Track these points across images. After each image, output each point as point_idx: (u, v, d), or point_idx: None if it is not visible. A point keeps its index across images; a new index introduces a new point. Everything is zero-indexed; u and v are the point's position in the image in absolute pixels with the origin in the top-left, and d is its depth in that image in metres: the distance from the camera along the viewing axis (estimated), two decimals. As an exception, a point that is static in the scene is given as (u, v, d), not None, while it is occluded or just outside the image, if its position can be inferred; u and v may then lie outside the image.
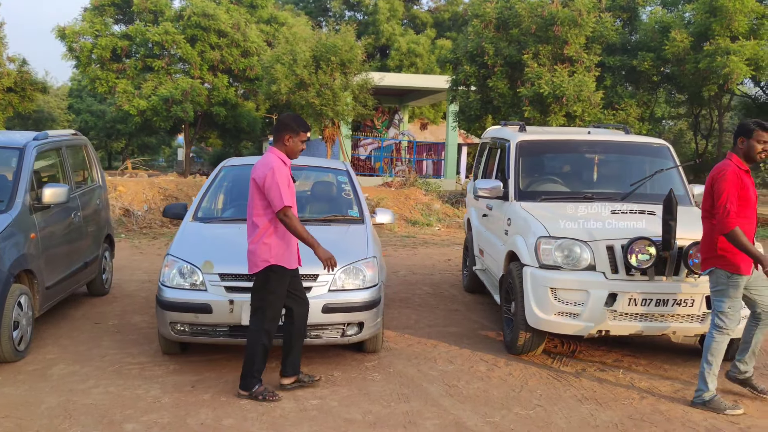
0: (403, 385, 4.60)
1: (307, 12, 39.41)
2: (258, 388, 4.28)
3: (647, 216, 5.26)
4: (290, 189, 4.25)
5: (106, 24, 25.84)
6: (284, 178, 4.20)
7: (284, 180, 4.18)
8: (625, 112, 17.01)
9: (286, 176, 4.23)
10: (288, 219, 4.15)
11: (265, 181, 4.15)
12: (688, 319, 4.87)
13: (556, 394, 4.51)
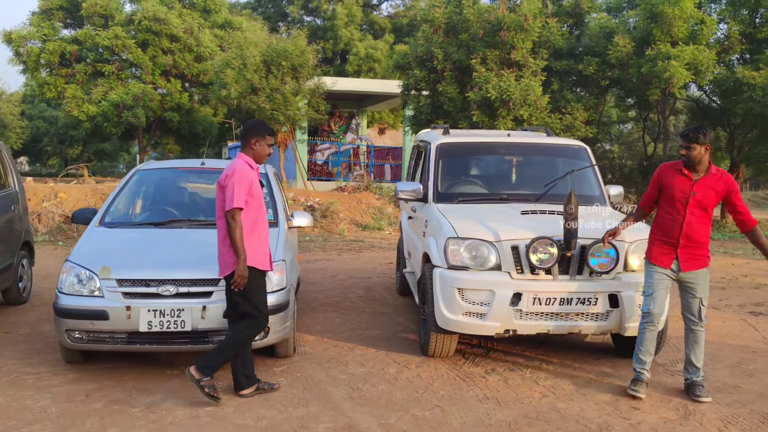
0: (307, 389, 4.56)
1: (265, 17, 39.19)
2: (207, 381, 4.22)
3: (557, 216, 5.29)
4: (255, 193, 4.29)
5: (54, 28, 25.35)
6: (243, 181, 4.22)
7: (242, 182, 4.21)
8: (571, 116, 17.24)
9: (247, 179, 4.25)
10: (233, 222, 4.16)
11: (225, 180, 4.21)
12: (593, 317, 4.92)
13: (459, 394, 4.51)
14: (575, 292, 4.86)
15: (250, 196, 4.28)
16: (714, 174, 4.57)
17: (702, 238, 4.58)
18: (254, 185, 4.32)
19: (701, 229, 4.58)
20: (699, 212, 4.54)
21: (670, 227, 4.57)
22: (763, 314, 7.30)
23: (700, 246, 4.59)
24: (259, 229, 4.41)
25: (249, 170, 4.31)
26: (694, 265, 4.59)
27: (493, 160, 6.59)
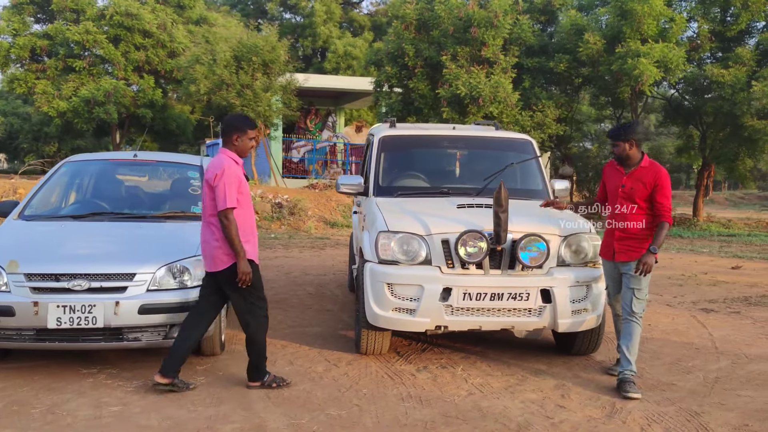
0: (225, 388, 4.39)
1: (244, 14, 38.88)
2: (269, 378, 4.38)
3: (489, 210, 5.17)
4: (243, 190, 4.31)
5: (25, 23, 24.94)
6: (233, 179, 4.23)
7: (233, 181, 4.22)
8: (542, 114, 17.19)
9: (236, 177, 4.26)
10: (227, 222, 4.16)
11: (215, 180, 4.20)
12: (526, 313, 4.78)
13: (382, 393, 4.36)
14: (506, 287, 4.72)
15: (239, 194, 4.28)
16: (644, 167, 4.61)
17: (636, 230, 4.59)
18: (242, 182, 4.34)
19: (635, 221, 4.60)
20: (630, 204, 4.60)
21: (611, 220, 4.73)
22: (714, 311, 7.21)
23: (635, 238, 4.61)
24: (249, 223, 4.40)
25: (236, 167, 4.31)
26: (628, 256, 4.61)
27: (437, 154, 6.45)
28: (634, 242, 4.61)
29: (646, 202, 4.59)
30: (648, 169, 4.61)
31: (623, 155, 4.64)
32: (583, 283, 4.85)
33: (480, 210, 5.17)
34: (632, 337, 4.60)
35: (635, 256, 4.56)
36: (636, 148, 4.60)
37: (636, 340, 4.61)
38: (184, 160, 6.11)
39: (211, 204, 4.27)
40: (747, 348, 5.71)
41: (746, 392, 4.55)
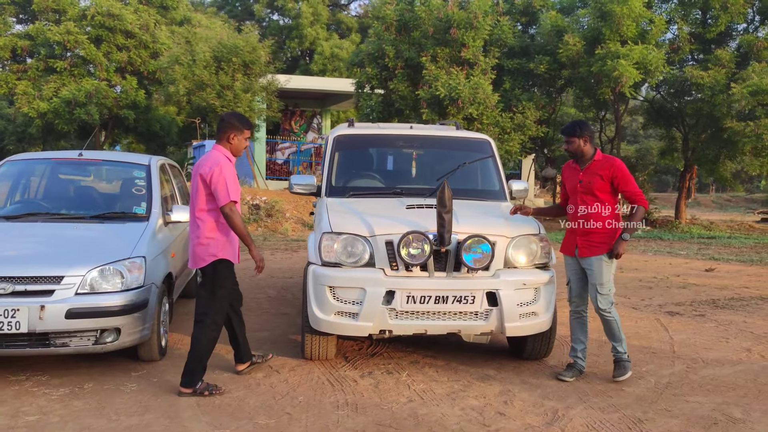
0: (155, 396, 4.23)
1: (232, 16, 38.75)
2: (201, 385, 4.29)
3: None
4: (236, 185, 4.34)
5: (6, 23, 24.71)
6: (231, 174, 4.31)
7: (231, 176, 4.30)
8: (523, 115, 17.08)
9: (232, 173, 4.35)
10: (232, 214, 4.25)
11: (212, 176, 4.21)
12: (472, 316, 4.64)
13: (318, 400, 4.21)
14: (451, 289, 4.58)
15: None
16: (599, 160, 4.72)
17: (597, 225, 4.65)
18: (236, 178, 4.39)
19: (595, 216, 4.66)
20: (589, 198, 4.67)
21: (572, 217, 4.82)
22: (679, 314, 7.10)
23: (596, 233, 4.67)
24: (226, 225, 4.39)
25: (230, 164, 4.37)
26: (590, 251, 4.68)
27: (393, 154, 6.31)
28: (595, 237, 4.66)
29: (606, 194, 4.65)
30: (602, 162, 4.71)
31: (578, 151, 4.74)
32: (532, 285, 4.72)
33: (429, 211, 5.01)
34: (610, 329, 4.77)
35: (597, 251, 4.64)
36: (589, 144, 4.73)
37: (614, 329, 4.76)
38: (131, 159, 5.94)
39: (201, 200, 4.28)
40: (705, 352, 5.59)
41: (695, 398, 4.42)
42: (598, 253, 4.64)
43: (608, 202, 4.66)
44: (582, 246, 4.71)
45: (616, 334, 4.77)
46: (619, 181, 4.63)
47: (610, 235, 4.64)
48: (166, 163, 6.36)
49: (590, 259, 4.66)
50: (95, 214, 5.20)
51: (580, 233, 4.72)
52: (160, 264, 4.94)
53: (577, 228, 4.74)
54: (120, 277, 4.46)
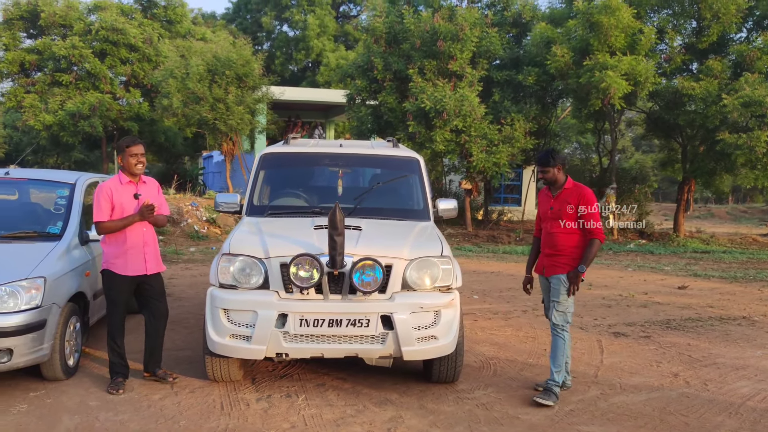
0: (39, 418, 4.24)
1: (242, 28, 39.17)
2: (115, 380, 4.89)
3: (350, 232, 5.00)
4: (116, 204, 4.78)
5: (15, 38, 25.21)
6: (103, 197, 4.77)
7: (101, 198, 4.76)
8: (511, 127, 16.97)
9: (106, 196, 4.78)
10: (100, 231, 4.83)
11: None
12: (369, 340, 4.59)
13: (199, 425, 4.19)
14: (345, 312, 4.54)
15: (113, 208, 4.80)
16: (568, 188, 4.92)
17: (562, 248, 4.86)
18: (114, 199, 4.79)
19: (562, 240, 4.87)
20: (557, 224, 4.88)
21: (543, 240, 5.07)
22: (624, 335, 6.96)
23: (561, 254, 4.87)
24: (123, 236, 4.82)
25: (111, 185, 4.83)
26: (553, 270, 4.91)
27: (319, 172, 6.30)
28: (560, 258, 4.88)
29: (573, 221, 4.84)
30: (572, 190, 4.91)
31: (552, 179, 4.94)
32: (430, 308, 4.65)
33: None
34: (555, 349, 4.87)
35: (559, 271, 4.86)
36: (561, 172, 4.95)
37: (558, 351, 4.85)
38: (57, 177, 5.99)
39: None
40: (628, 377, 5.46)
41: (591, 427, 4.33)
42: (560, 272, 4.85)
43: (574, 229, 4.84)
44: (547, 266, 4.95)
45: (559, 357, 4.85)
46: (584, 210, 4.80)
47: (573, 258, 4.84)
48: (100, 180, 6.39)
49: (553, 277, 4.89)
50: (6, 233, 5.25)
51: (547, 254, 4.96)
52: (67, 283, 4.97)
53: (545, 249, 4.99)
54: (15, 298, 4.50)
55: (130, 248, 4.79)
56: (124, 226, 4.79)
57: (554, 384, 4.82)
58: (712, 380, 5.42)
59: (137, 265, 4.84)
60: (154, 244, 5.01)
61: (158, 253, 5.07)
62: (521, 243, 17.35)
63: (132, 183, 4.89)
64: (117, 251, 4.79)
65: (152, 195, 4.98)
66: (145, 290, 4.99)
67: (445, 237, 17.64)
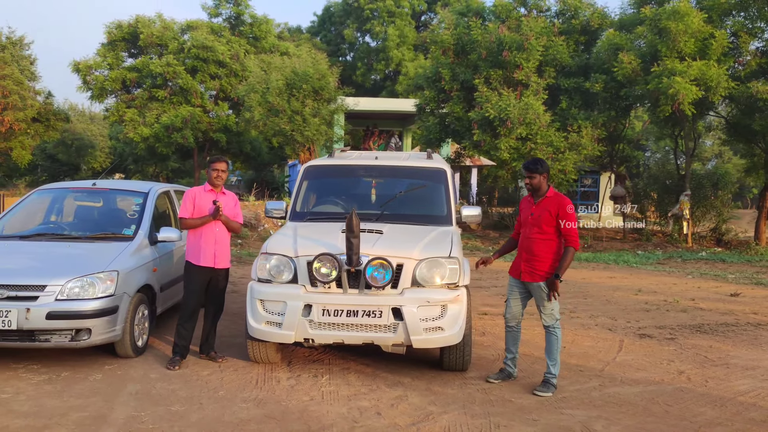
0: (110, 384, 5.15)
1: (326, 41, 40.67)
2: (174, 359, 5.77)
3: (371, 235, 5.71)
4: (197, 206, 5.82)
5: (118, 58, 27.56)
6: (188, 199, 5.86)
7: (187, 200, 5.86)
8: (578, 134, 17.13)
9: (190, 198, 5.87)
10: (181, 225, 5.93)
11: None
12: (382, 329, 5.26)
13: (234, 394, 4.99)
14: (361, 305, 5.23)
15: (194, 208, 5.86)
16: (549, 197, 5.30)
17: (540, 254, 5.25)
18: (196, 202, 5.85)
19: (540, 247, 5.27)
20: (536, 230, 5.28)
21: (521, 244, 5.49)
22: (649, 337, 7.26)
23: (539, 261, 5.27)
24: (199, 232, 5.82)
25: (196, 192, 5.92)
26: (532, 277, 5.32)
27: (355, 182, 7.02)
28: (536, 263, 5.27)
29: (551, 228, 5.22)
30: (552, 198, 5.29)
31: (536, 186, 5.32)
32: (437, 303, 5.26)
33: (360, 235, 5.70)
34: (550, 345, 5.33)
35: (537, 278, 5.27)
36: (545, 181, 5.32)
37: (552, 347, 5.32)
38: (134, 187, 7.03)
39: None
40: (633, 372, 5.84)
41: (572, 411, 4.80)
42: (538, 280, 5.25)
43: (552, 236, 5.23)
44: (525, 271, 5.34)
45: (553, 352, 5.31)
46: (562, 218, 5.18)
47: (549, 264, 5.23)
48: (172, 190, 7.40)
49: (533, 285, 5.31)
50: (90, 234, 6.31)
51: (525, 259, 5.35)
52: (136, 277, 5.92)
53: (523, 254, 5.37)
54: (93, 287, 5.48)
55: (204, 243, 5.76)
56: (202, 224, 5.79)
57: (551, 376, 5.28)
58: (715, 378, 5.72)
59: (208, 257, 5.78)
60: (225, 243, 5.93)
61: (227, 252, 5.98)
62: (588, 249, 17.42)
63: (213, 192, 5.90)
64: (194, 245, 5.80)
65: (229, 205, 5.97)
66: (212, 282, 5.89)
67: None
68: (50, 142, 38.52)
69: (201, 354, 5.99)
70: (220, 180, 5.89)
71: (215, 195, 5.90)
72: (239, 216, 6.10)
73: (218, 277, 5.92)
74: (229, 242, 6.03)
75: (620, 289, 10.64)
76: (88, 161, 44.12)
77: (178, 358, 5.76)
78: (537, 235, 5.28)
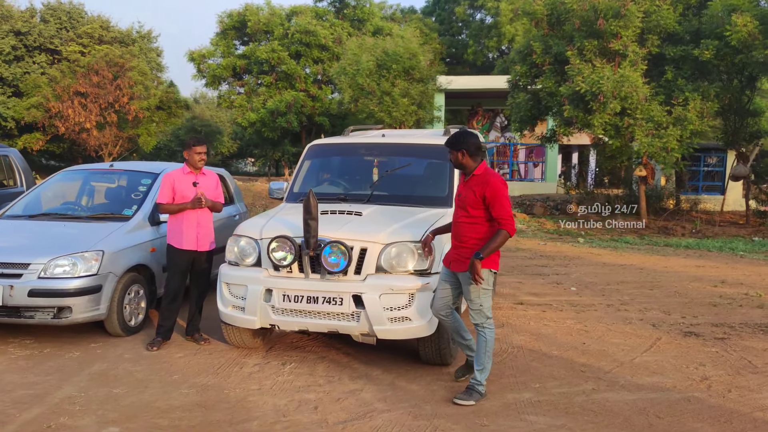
0: (80, 362, 5.22)
1: (439, 20, 40.06)
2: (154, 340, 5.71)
3: (344, 217, 5.36)
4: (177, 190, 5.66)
5: (229, 46, 28.72)
6: (166, 183, 5.70)
7: (165, 184, 5.69)
8: (683, 108, 15.51)
9: (168, 183, 5.71)
10: (160, 211, 5.81)
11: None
12: (344, 317, 4.91)
13: (186, 378, 4.86)
14: (320, 291, 4.91)
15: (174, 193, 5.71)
16: (476, 176, 4.58)
17: (465, 239, 4.53)
18: (175, 185, 5.69)
19: (466, 231, 4.55)
20: (462, 213, 4.58)
21: (452, 229, 4.76)
22: (696, 335, 6.32)
23: (464, 246, 4.54)
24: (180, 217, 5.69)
25: (174, 175, 5.74)
26: (459, 266, 4.58)
27: (357, 162, 6.63)
28: (463, 251, 4.55)
29: (478, 211, 4.48)
30: (479, 177, 4.55)
31: (457, 164, 4.66)
32: (402, 291, 4.82)
33: (332, 217, 5.37)
34: (478, 346, 4.58)
35: (464, 267, 4.51)
36: (468, 158, 4.56)
37: (481, 347, 4.56)
38: (147, 169, 7.07)
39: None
40: (645, 376, 5.06)
41: (539, 417, 4.21)
42: (464, 269, 4.50)
43: (480, 220, 4.49)
44: (453, 259, 4.63)
45: (481, 356, 4.56)
46: (489, 200, 4.42)
47: (473, 252, 4.43)
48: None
49: (461, 275, 4.57)
50: (90, 214, 6.44)
51: (454, 246, 4.67)
52: (127, 257, 5.94)
53: (453, 241, 4.70)
54: (75, 266, 5.57)
55: (186, 226, 5.64)
56: (179, 210, 5.65)
57: (477, 383, 4.54)
58: (743, 388, 4.82)
59: (191, 240, 5.68)
60: (207, 225, 5.79)
61: (210, 233, 5.84)
62: (696, 235, 15.80)
63: (192, 173, 5.75)
64: (176, 228, 5.68)
65: (210, 186, 5.83)
66: (195, 265, 5.80)
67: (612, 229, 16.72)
68: (182, 129, 41.24)
69: (187, 335, 5.94)
70: (203, 163, 5.76)
71: (195, 177, 5.77)
72: (220, 196, 5.95)
73: (201, 259, 5.81)
74: (212, 223, 5.89)
75: (700, 279, 9.44)
76: (216, 146, 46.64)
77: (160, 339, 5.72)
78: (464, 218, 4.54)
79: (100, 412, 4.23)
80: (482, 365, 4.56)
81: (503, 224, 4.40)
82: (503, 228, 4.41)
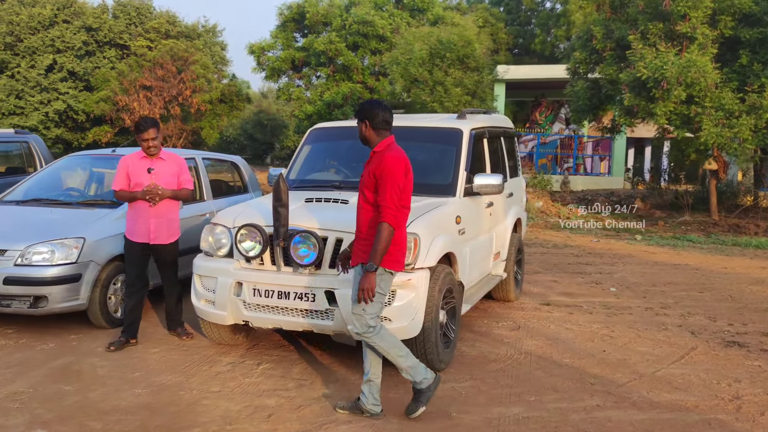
0: (51, 354, 4.96)
1: (507, 10, 38.92)
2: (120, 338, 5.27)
3: (333, 205, 4.90)
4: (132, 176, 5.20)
5: (289, 38, 28.68)
6: (121, 169, 5.26)
7: (120, 169, 5.26)
8: (758, 95, 14.18)
9: (123, 168, 5.27)
10: (115, 197, 5.39)
11: None
12: (318, 315, 4.43)
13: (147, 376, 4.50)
14: (292, 285, 4.45)
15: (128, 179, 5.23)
16: (376, 153, 3.88)
17: (363, 228, 3.83)
18: (129, 170, 5.22)
19: (360, 218, 3.86)
20: (360, 197, 3.88)
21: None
22: (740, 345, 5.49)
23: (361, 239, 3.85)
24: (133, 206, 5.21)
25: (129, 160, 5.28)
26: (355, 259, 3.87)
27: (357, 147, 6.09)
28: (359, 243, 3.85)
29: (372, 194, 3.78)
30: (377, 155, 3.85)
31: (360, 136, 3.98)
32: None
33: (321, 204, 4.92)
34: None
35: (357, 260, 3.84)
36: (372, 131, 3.88)
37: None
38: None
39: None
40: (664, 393, 4.35)
41: (517, 441, 3.60)
42: (361, 261, 3.78)
43: (370, 205, 3.79)
44: (354, 252, 3.89)
45: (393, 359, 3.82)
46: (379, 182, 3.71)
47: (369, 243, 3.74)
48: (198, 158, 7.08)
49: (354, 270, 3.90)
50: (83, 200, 6.20)
51: (356, 237, 3.91)
52: (110, 245, 5.64)
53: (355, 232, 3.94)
54: (53, 253, 5.31)
55: (138, 217, 5.15)
56: (131, 198, 5.15)
57: (415, 384, 3.88)
58: (780, 413, 4.04)
59: (142, 233, 5.17)
60: (166, 217, 5.23)
61: (172, 225, 5.29)
62: (766, 235, 14.45)
63: (146, 158, 5.21)
64: (130, 218, 5.22)
65: (170, 171, 5.26)
66: (158, 259, 5.35)
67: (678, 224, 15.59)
68: (249, 123, 41.77)
69: (169, 330, 5.60)
70: (155, 149, 5.19)
71: (150, 162, 5.21)
72: (187, 182, 5.36)
73: (161, 253, 5.30)
74: (176, 213, 5.36)
75: (762, 283, 8.42)
76: (281, 139, 47.10)
77: (123, 339, 5.21)
78: (361, 202, 3.83)
79: (38, 411, 3.92)
80: (401, 366, 3.84)
81: (385, 215, 3.65)
82: (383, 219, 3.66)
